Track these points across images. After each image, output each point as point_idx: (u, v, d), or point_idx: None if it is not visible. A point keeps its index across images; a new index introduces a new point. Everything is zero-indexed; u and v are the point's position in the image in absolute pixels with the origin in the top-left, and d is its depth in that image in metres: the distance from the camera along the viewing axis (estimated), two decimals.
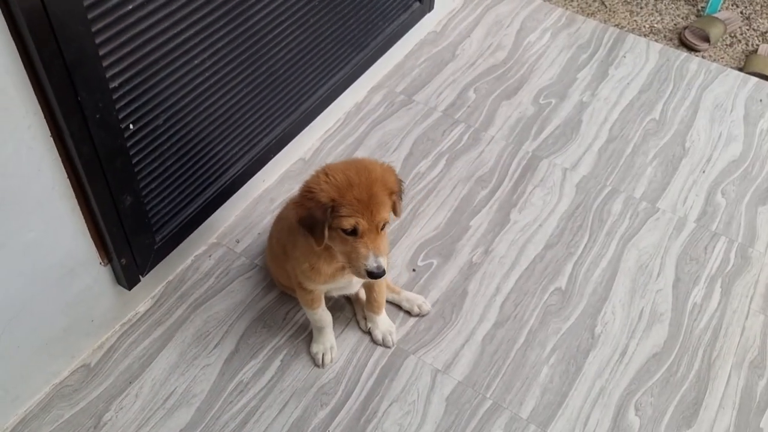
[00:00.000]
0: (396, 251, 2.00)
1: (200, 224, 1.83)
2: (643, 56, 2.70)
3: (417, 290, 1.91)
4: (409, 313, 1.84)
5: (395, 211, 1.44)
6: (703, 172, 2.27)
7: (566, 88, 2.55)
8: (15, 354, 1.47)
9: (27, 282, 1.41)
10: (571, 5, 2.98)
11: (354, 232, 1.36)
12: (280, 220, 1.74)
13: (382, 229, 1.39)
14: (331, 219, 1.35)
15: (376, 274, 1.37)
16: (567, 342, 1.82)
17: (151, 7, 1.31)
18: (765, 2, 3.07)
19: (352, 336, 1.81)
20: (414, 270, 1.96)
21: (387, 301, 1.84)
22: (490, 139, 2.36)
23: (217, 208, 1.86)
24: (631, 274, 1.98)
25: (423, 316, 1.84)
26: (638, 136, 2.39)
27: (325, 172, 1.39)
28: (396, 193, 1.41)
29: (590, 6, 2.99)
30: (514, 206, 2.15)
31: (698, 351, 1.82)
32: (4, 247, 1.30)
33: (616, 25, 2.90)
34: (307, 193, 1.39)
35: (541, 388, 1.73)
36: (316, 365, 1.74)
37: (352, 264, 1.40)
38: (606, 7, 2.99)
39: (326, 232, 1.37)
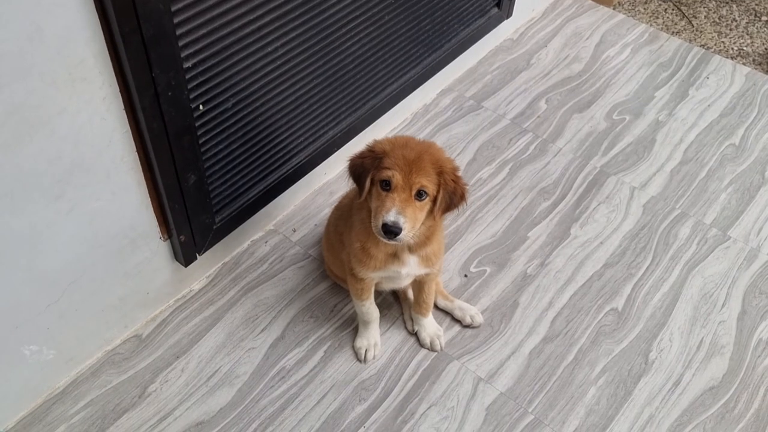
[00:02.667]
0: (450, 255, 1.98)
1: (259, 210, 1.86)
2: (728, 79, 2.58)
3: (467, 296, 1.89)
4: (460, 322, 1.82)
5: (438, 199, 1.40)
6: None
7: (642, 106, 2.46)
8: (72, 317, 1.54)
9: (90, 248, 1.47)
10: (655, 22, 2.88)
11: (389, 186, 1.36)
12: (338, 208, 1.75)
13: (418, 198, 1.37)
14: (375, 172, 1.38)
15: (390, 229, 1.34)
16: (618, 365, 1.75)
17: None
18: None
19: (397, 335, 1.80)
20: (466, 276, 1.94)
21: (439, 308, 1.83)
22: (558, 151, 2.30)
23: (277, 196, 1.89)
24: (694, 301, 1.89)
25: (474, 327, 1.81)
26: (714, 160, 2.28)
27: (394, 137, 1.44)
28: (446, 175, 1.39)
29: (676, 24, 2.88)
30: (576, 221, 2.09)
31: (759, 389, 1.72)
32: (71, 212, 1.36)
33: (702, 46, 2.78)
34: (369, 145, 1.44)
35: (586, 408, 1.67)
36: (359, 360, 1.74)
37: (375, 216, 1.38)
38: (693, 26, 2.88)
39: (367, 183, 1.39)
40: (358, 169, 1.43)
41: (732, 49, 2.79)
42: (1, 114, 1.12)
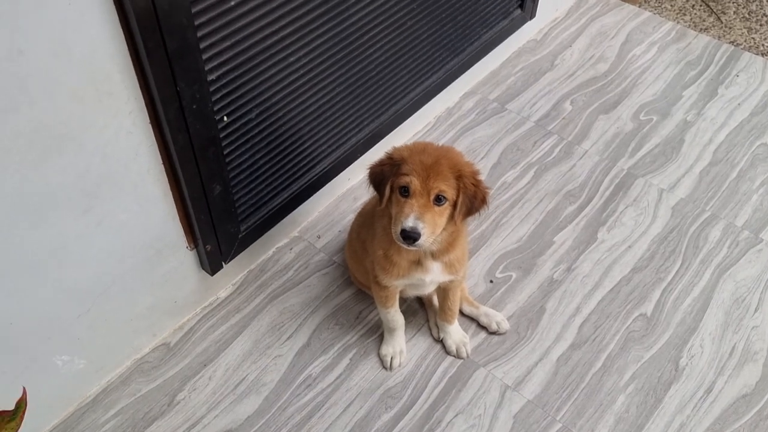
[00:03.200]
0: (474, 261, 1.97)
1: (284, 217, 1.87)
2: (759, 76, 2.52)
3: (493, 302, 1.87)
4: (486, 329, 1.80)
5: (458, 203, 1.39)
6: None
7: (670, 106, 2.42)
8: (102, 326, 1.56)
9: (118, 259, 1.49)
10: (683, 19, 2.83)
11: (407, 192, 1.36)
12: (361, 215, 1.75)
13: (437, 203, 1.37)
14: (394, 178, 1.38)
15: (409, 235, 1.33)
16: (648, 372, 1.72)
17: (252, 4, 1.35)
18: None
19: (423, 342, 1.80)
20: (491, 281, 1.92)
21: (464, 315, 1.82)
22: (584, 153, 2.27)
23: (301, 203, 1.90)
24: (725, 306, 1.85)
25: (501, 334, 1.79)
26: (745, 161, 2.23)
27: (413, 142, 1.44)
28: (465, 179, 1.38)
29: (704, 21, 2.83)
30: (603, 225, 2.06)
31: None
32: (99, 225, 1.38)
33: (731, 42, 2.73)
34: (388, 153, 1.44)
35: (615, 416, 1.64)
36: (384, 367, 1.74)
37: (394, 223, 1.38)
38: (722, 22, 2.82)
39: (387, 190, 1.40)
40: (378, 176, 1.43)
41: (763, 45, 2.72)
42: (29, 131, 1.14)
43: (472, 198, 1.40)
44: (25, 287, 1.33)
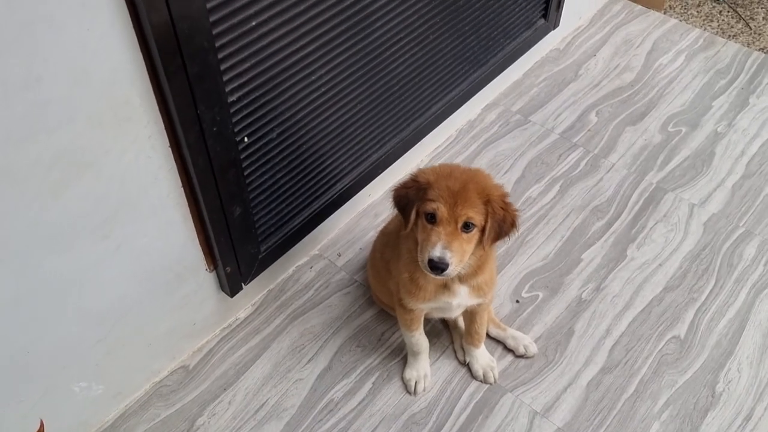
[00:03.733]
0: (500, 279, 1.91)
1: (304, 236, 1.82)
2: None
3: (519, 323, 1.82)
4: (513, 352, 1.75)
5: (487, 228, 1.34)
6: None
7: (699, 117, 2.35)
8: (120, 351, 1.52)
9: (137, 283, 1.45)
10: (710, 26, 2.76)
11: (434, 218, 1.32)
12: (384, 234, 1.70)
13: (465, 230, 1.32)
14: (420, 202, 1.33)
15: (436, 265, 1.29)
16: (683, 397, 1.66)
17: (273, 24, 1.31)
18: None
19: (448, 365, 1.74)
20: (518, 301, 1.87)
21: (491, 337, 1.76)
22: (611, 166, 2.21)
23: (322, 221, 1.86)
24: (763, 328, 1.78)
25: (528, 358, 1.74)
26: None
27: (439, 166, 1.39)
28: (493, 204, 1.33)
29: (732, 27, 2.75)
30: (633, 241, 2.00)
31: None
32: (118, 250, 1.35)
33: (761, 49, 2.65)
34: (413, 175, 1.40)
35: None
36: (408, 392, 1.69)
37: (421, 251, 1.34)
38: (751, 29, 2.74)
39: (413, 216, 1.35)
40: (403, 200, 1.39)
41: None
42: (49, 158, 1.10)
43: (500, 222, 1.35)
44: (44, 315, 1.30)
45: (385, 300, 1.77)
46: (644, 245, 1.99)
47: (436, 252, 1.30)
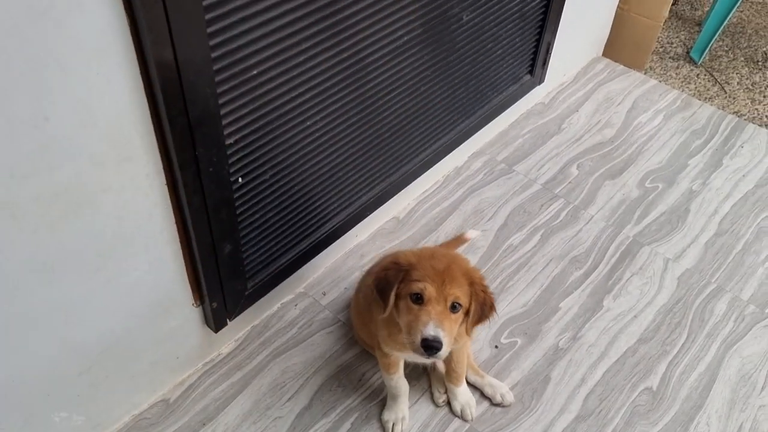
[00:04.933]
0: (480, 328, 1.95)
1: (291, 274, 1.86)
2: (763, 148, 2.55)
3: (498, 369, 1.86)
4: (490, 399, 1.78)
5: (470, 313, 1.37)
6: None
7: (675, 174, 2.45)
8: (103, 383, 1.54)
9: (124, 317, 1.48)
10: (687, 88, 2.88)
11: (420, 299, 1.33)
12: (369, 274, 1.74)
13: (453, 310, 1.34)
14: (402, 285, 1.34)
15: (430, 345, 1.27)
16: None
17: (273, 73, 1.37)
18: None
19: (426, 407, 1.77)
20: (496, 347, 1.91)
21: (469, 383, 1.79)
22: (590, 218, 2.28)
23: (309, 260, 1.90)
24: (732, 383, 1.84)
25: (505, 406, 1.77)
26: (751, 233, 2.24)
27: (418, 248, 1.42)
28: (476, 286, 1.36)
29: (708, 90, 2.88)
30: (609, 292, 2.06)
31: None
32: (109, 284, 1.38)
33: (735, 113, 2.77)
34: (393, 257, 1.41)
35: None
36: None
37: (411, 333, 1.31)
38: (726, 93, 2.87)
39: (392, 298, 1.35)
40: (382, 282, 1.38)
41: (766, 116, 2.77)
42: (50, 194, 1.14)
43: (482, 305, 1.38)
44: (30, 345, 1.31)
45: (366, 339, 1.80)
46: (620, 296, 2.05)
47: (430, 330, 1.27)
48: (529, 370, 1.86)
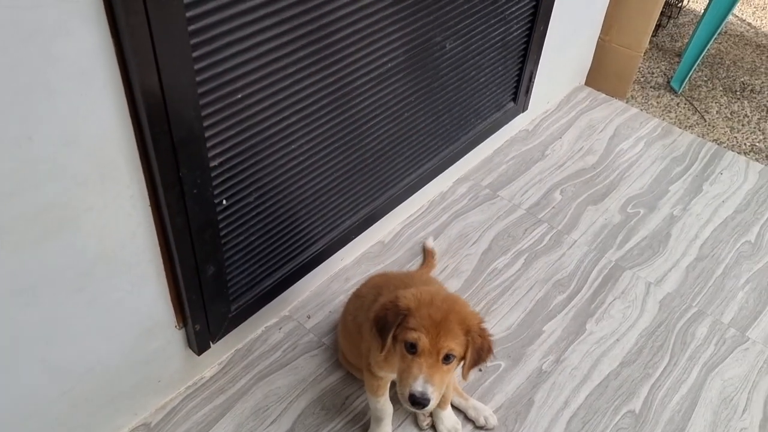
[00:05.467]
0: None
1: (275, 297, 1.87)
2: (742, 175, 2.60)
3: (482, 392, 1.86)
4: (473, 422, 1.78)
5: (466, 359, 1.38)
6: None
7: (657, 200, 2.49)
8: (84, 405, 1.53)
9: (106, 338, 1.48)
10: (668, 116, 2.94)
11: (414, 348, 1.34)
12: (358, 297, 1.75)
13: (446, 361, 1.35)
14: (398, 329, 1.35)
15: (417, 400, 1.30)
16: None
17: (258, 97, 1.40)
18: None
19: (410, 431, 1.77)
20: (480, 370, 1.91)
21: (453, 406, 1.79)
22: (573, 242, 2.31)
23: (293, 283, 1.90)
24: (713, 406, 1.85)
25: (488, 430, 1.77)
26: (731, 257, 2.27)
27: (419, 289, 1.41)
28: (473, 332, 1.37)
29: (688, 119, 2.94)
30: (592, 316, 2.07)
31: None
32: (90, 304, 1.38)
33: (715, 141, 2.83)
34: (394, 298, 1.41)
35: None
36: None
37: (401, 382, 1.35)
38: (705, 121, 2.93)
39: (389, 339, 1.37)
40: (381, 321, 1.40)
41: (744, 144, 2.82)
42: (32, 213, 1.15)
43: (479, 350, 1.39)
44: (10, 366, 1.31)
45: (353, 361, 1.79)
46: (603, 320, 2.06)
47: (418, 386, 1.30)
48: (513, 393, 1.86)
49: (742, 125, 2.93)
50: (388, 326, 1.36)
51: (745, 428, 1.80)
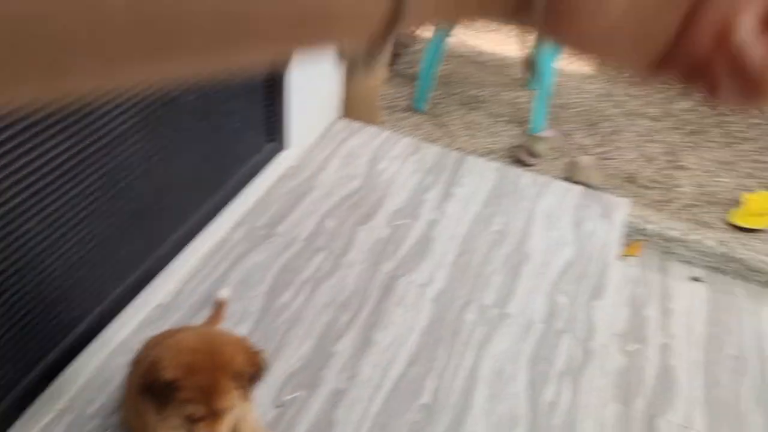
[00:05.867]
0: (260, 390, 1.97)
1: (43, 392, 1.73)
2: (483, 174, 2.96)
3: (284, 427, 1.89)
4: None
5: (246, 395, 1.43)
6: (543, 274, 2.47)
7: (417, 209, 2.73)
8: None
9: None
10: (417, 134, 3.26)
11: (192, 417, 1.35)
12: (136, 364, 1.68)
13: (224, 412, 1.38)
14: (171, 403, 1.35)
15: None
16: None
17: None
18: (579, 122, 3.50)
19: None
20: (279, 406, 1.94)
21: None
22: (350, 263, 2.45)
23: (63, 370, 1.79)
24: (489, 381, 2.06)
25: None
26: (485, 246, 2.57)
27: (177, 347, 1.40)
28: (246, 374, 1.40)
29: (434, 133, 3.28)
30: (376, 327, 2.21)
31: None
32: None
33: (458, 149, 3.18)
34: (153, 365, 1.39)
35: None
36: None
37: None
38: (448, 133, 3.29)
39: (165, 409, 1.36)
40: (147, 395, 1.39)
41: (482, 148, 3.22)
42: None
43: (253, 376, 1.43)
44: None
45: (137, 427, 1.72)
46: (387, 329, 2.21)
47: None
48: (315, 419, 1.92)
49: (479, 131, 3.33)
50: (158, 397, 1.35)
51: (517, 392, 2.04)
